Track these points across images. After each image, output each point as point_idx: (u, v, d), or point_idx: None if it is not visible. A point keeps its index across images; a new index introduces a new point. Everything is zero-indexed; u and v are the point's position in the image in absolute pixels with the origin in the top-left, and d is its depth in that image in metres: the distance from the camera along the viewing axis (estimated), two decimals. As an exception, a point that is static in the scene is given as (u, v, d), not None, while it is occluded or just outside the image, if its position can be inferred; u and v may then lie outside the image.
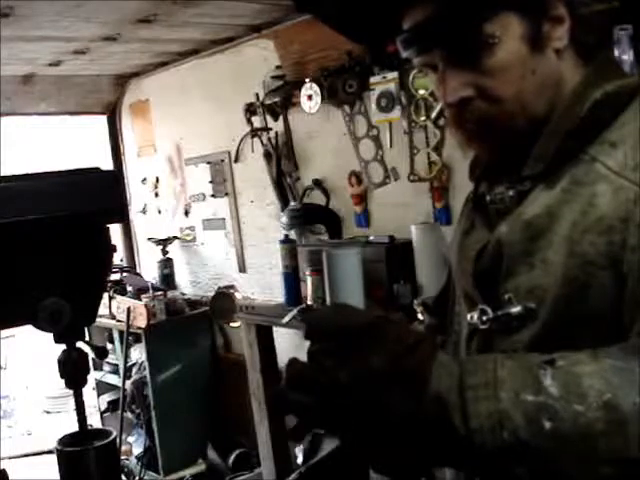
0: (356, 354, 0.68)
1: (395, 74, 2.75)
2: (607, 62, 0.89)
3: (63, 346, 0.87)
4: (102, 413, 4.28)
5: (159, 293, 3.83)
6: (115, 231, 4.31)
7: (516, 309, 0.82)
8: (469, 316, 0.89)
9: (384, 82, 2.79)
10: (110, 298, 3.88)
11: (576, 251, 0.77)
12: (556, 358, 0.66)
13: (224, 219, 3.83)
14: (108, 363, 4.10)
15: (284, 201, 3.31)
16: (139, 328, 3.70)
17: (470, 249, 0.92)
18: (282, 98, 3.15)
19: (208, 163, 3.84)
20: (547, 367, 0.65)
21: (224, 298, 3.59)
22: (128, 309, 3.70)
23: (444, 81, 0.86)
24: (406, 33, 0.87)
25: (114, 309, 3.88)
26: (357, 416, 0.67)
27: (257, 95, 3.30)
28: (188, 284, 4.19)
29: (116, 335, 4.05)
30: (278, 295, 3.20)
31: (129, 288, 3.95)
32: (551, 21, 0.83)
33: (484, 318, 0.86)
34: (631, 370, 0.64)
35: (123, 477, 3.75)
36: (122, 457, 3.90)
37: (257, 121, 3.37)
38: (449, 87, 0.86)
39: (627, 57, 1.95)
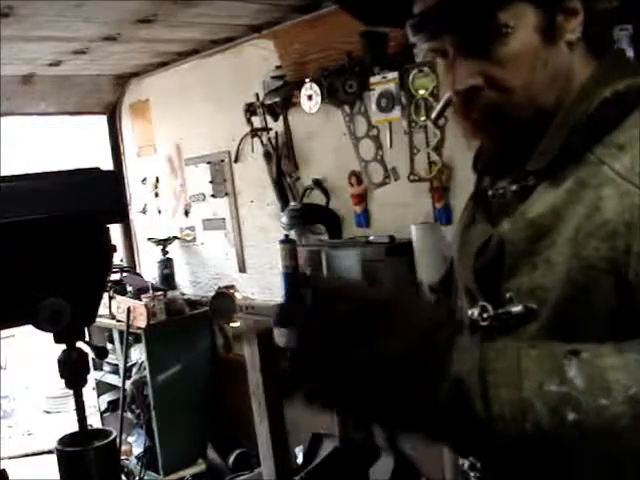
0: (376, 333, 0.66)
1: (395, 74, 2.75)
2: (619, 59, 0.88)
3: (63, 346, 0.87)
4: (102, 413, 4.28)
5: (159, 293, 3.83)
6: (115, 231, 4.31)
7: (517, 308, 0.82)
8: (470, 312, 0.89)
9: (384, 82, 2.78)
10: (110, 298, 3.88)
11: (579, 254, 0.76)
12: (581, 349, 0.65)
13: (224, 219, 3.83)
14: (108, 363, 4.09)
15: (284, 201, 3.31)
16: (139, 328, 3.69)
17: (471, 244, 0.91)
18: (282, 98, 3.15)
19: (208, 163, 3.84)
20: (572, 357, 0.64)
21: (224, 298, 3.58)
22: (128, 309, 3.70)
23: (453, 68, 0.85)
24: (417, 17, 0.86)
25: (114, 309, 3.88)
26: (375, 400, 0.66)
27: (257, 95, 3.30)
28: (188, 284, 4.18)
29: (116, 335, 4.05)
30: (278, 295, 3.20)
31: (129, 288, 3.95)
32: (565, 13, 0.82)
33: (485, 315, 0.86)
34: None
35: (123, 477, 3.75)
36: (122, 457, 3.90)
37: (257, 121, 3.37)
38: (458, 75, 0.84)
39: (627, 57, 1.94)
